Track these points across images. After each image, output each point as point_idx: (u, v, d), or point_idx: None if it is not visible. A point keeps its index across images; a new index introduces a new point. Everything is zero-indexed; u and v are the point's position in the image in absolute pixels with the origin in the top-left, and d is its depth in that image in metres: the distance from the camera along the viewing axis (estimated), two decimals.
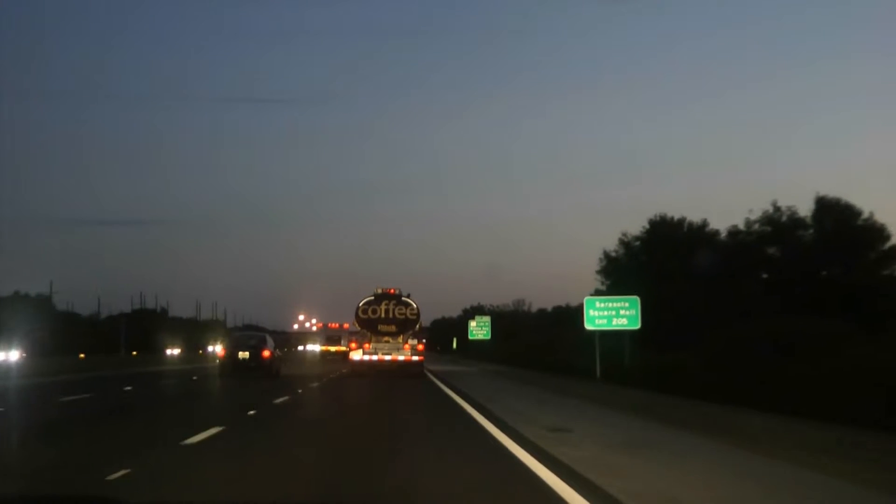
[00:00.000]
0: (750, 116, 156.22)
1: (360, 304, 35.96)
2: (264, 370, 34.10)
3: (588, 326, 30.59)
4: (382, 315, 35.71)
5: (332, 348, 69.29)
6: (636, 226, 45.72)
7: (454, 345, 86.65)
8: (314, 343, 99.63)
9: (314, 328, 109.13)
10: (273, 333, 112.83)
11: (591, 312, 30.49)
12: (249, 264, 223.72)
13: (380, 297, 36.03)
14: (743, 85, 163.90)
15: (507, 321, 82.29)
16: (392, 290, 36.38)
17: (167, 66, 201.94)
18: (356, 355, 36.04)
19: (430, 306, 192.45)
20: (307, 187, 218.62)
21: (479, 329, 76.36)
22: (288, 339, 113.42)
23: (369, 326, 35.85)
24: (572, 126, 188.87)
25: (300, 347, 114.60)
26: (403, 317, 35.78)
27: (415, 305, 36.03)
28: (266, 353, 35.07)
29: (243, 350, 35.00)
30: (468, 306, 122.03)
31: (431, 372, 38.88)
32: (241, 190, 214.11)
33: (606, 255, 44.47)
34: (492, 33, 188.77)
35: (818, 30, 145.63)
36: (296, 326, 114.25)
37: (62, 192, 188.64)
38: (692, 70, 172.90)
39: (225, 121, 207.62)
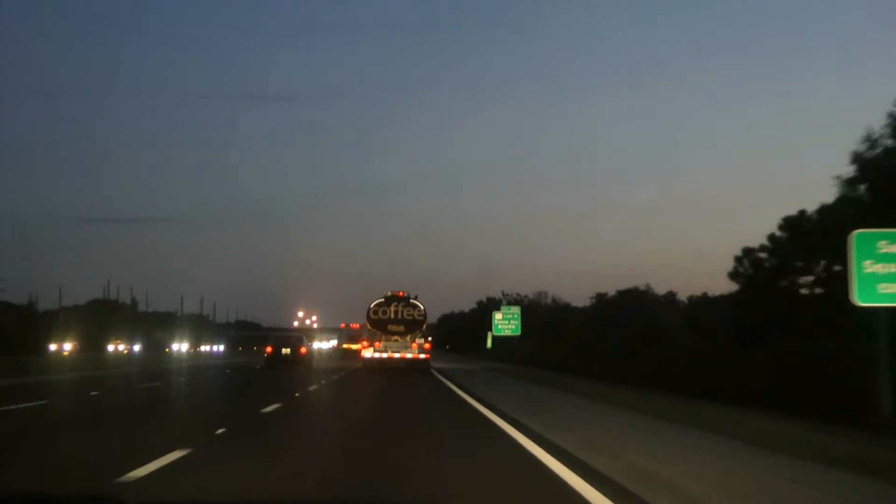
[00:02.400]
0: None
1: (372, 306, 38.67)
2: (301, 363, 42.16)
3: (860, 300, 13.20)
4: (392, 316, 38.31)
5: (354, 346, 74.61)
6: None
7: (489, 343, 59.89)
8: (314, 340, 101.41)
9: (315, 325, 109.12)
10: (271, 330, 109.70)
11: (869, 267, 13.10)
12: (248, 261, 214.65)
13: (389, 300, 38.73)
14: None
15: (547, 314, 64.10)
16: (401, 293, 39.15)
17: (169, 63, 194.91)
18: (367, 353, 38.68)
19: (435, 302, 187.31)
20: (308, 184, 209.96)
21: (505, 322, 59.15)
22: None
23: (380, 326, 38.36)
24: (577, 124, 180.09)
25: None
26: (411, 318, 38.43)
27: (422, 307, 38.78)
28: (303, 350, 43.73)
29: (286, 347, 43.39)
30: (483, 298, 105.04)
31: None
32: (243, 187, 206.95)
33: (868, 143, 21.19)
34: (500, 31, 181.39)
35: None
36: (296, 324, 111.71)
37: (62, 188, 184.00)
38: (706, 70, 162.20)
39: (229, 118, 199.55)
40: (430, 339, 41.92)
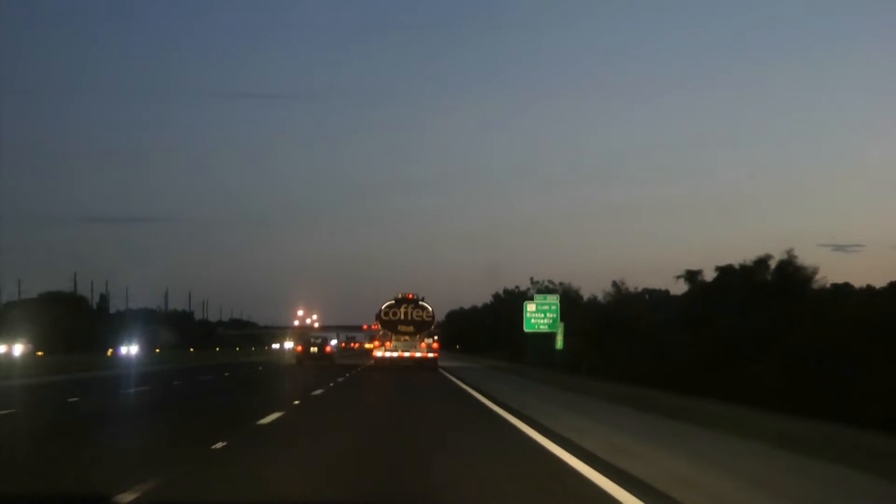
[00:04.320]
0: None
1: (383, 308, 41.04)
2: (327, 359, 50.47)
3: None
4: (402, 317, 40.65)
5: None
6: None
7: (559, 342, 38.80)
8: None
9: (316, 324, 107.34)
10: (268, 329, 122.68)
11: None
12: (246, 261, 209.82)
13: (399, 302, 41.00)
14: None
15: (611, 305, 48.57)
16: (410, 295, 41.29)
17: (163, 60, 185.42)
18: (378, 352, 41.43)
19: (440, 299, 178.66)
20: (307, 183, 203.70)
21: (540, 316, 46.01)
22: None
23: (390, 327, 40.66)
24: (576, 123, 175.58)
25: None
26: (420, 319, 40.80)
27: (430, 309, 41.49)
28: (328, 349, 52.98)
29: (314, 346, 52.42)
30: (500, 290, 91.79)
31: None
32: (239, 186, 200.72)
33: None
34: (496, 29, 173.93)
35: None
36: (296, 323, 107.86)
37: (58, 187, 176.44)
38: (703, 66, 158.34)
39: (223, 116, 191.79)
40: (436, 338, 42.97)
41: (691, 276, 37.16)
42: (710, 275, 37.47)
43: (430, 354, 40.00)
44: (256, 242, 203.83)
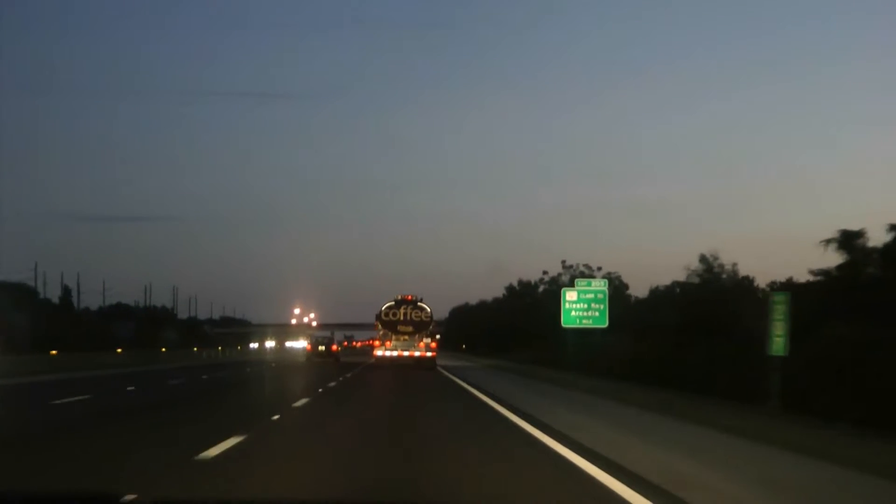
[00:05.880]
0: None
1: (383, 309, 42.36)
2: (333, 357, 54.62)
3: None
4: (401, 318, 41.85)
5: None
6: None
7: (778, 344, 17.04)
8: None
9: (314, 323, 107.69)
10: (261, 327, 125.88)
11: None
12: (241, 260, 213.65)
13: (399, 303, 42.28)
14: None
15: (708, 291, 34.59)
16: (409, 297, 42.58)
17: (156, 58, 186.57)
18: (379, 351, 42.51)
19: (440, 297, 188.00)
20: (304, 182, 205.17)
21: (583, 307, 36.47)
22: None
23: (390, 327, 41.90)
24: (582, 121, 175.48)
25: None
26: (419, 319, 42.03)
27: (428, 309, 42.62)
28: (334, 348, 57.53)
29: (321, 345, 56.61)
30: (516, 281, 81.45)
31: None
32: (237, 185, 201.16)
33: None
34: (499, 30, 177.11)
35: None
36: (293, 321, 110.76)
37: (59, 187, 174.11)
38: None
39: (224, 115, 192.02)
40: (437, 337, 45.27)
41: (848, 239, 24.38)
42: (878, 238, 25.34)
43: (429, 354, 41.35)
44: (254, 242, 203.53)
